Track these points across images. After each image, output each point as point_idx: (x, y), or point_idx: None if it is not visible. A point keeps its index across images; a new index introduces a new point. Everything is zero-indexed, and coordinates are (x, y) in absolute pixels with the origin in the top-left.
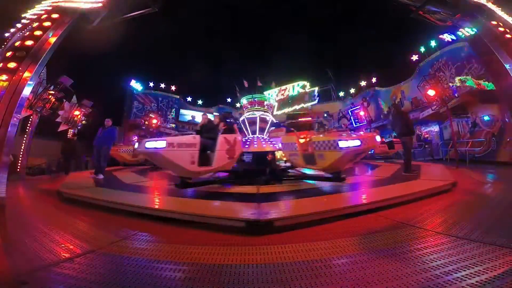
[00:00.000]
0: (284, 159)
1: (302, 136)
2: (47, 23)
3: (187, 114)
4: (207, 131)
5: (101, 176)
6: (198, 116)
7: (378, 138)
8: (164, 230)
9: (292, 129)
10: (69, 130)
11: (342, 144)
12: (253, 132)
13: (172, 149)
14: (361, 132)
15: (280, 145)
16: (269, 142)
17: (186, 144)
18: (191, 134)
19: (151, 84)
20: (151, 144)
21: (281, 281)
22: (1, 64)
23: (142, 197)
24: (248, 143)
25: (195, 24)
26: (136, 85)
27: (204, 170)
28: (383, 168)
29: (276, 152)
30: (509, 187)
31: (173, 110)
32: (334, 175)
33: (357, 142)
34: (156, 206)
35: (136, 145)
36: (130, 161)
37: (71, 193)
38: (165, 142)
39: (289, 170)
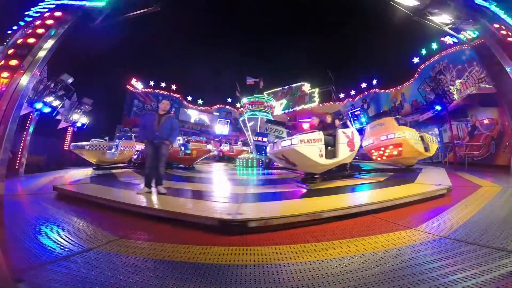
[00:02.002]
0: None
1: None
2: (49, 21)
3: (187, 113)
4: (325, 129)
5: (164, 191)
6: (199, 116)
7: None
8: None
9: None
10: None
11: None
12: (253, 132)
13: (303, 145)
14: None
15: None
16: None
17: (313, 139)
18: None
19: (152, 83)
20: (286, 142)
21: None
22: (3, 61)
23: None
24: None
25: (197, 24)
26: (136, 83)
27: (331, 162)
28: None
29: None
30: (506, 190)
31: (173, 109)
32: (406, 167)
33: None
34: None
35: (268, 149)
36: (105, 162)
37: None
38: (297, 138)
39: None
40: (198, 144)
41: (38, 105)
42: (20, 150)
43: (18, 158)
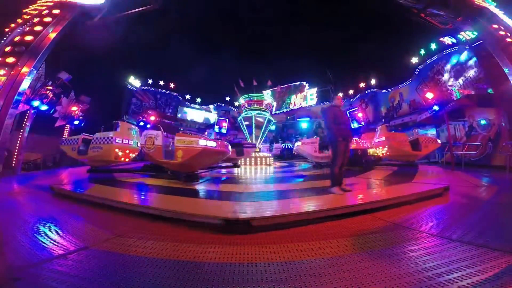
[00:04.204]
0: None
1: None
2: (47, 19)
3: (185, 112)
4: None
5: (348, 188)
6: (197, 114)
7: None
8: None
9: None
10: None
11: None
12: (250, 132)
13: (304, 145)
14: None
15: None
16: (363, 141)
17: (311, 142)
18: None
19: (150, 81)
20: (296, 144)
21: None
22: (0, 58)
23: None
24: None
25: (195, 22)
26: (134, 81)
27: (322, 155)
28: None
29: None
30: (503, 190)
31: (171, 107)
32: (410, 162)
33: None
34: None
35: (295, 147)
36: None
37: None
38: (300, 142)
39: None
40: (186, 139)
41: (35, 103)
42: (17, 148)
43: (15, 156)
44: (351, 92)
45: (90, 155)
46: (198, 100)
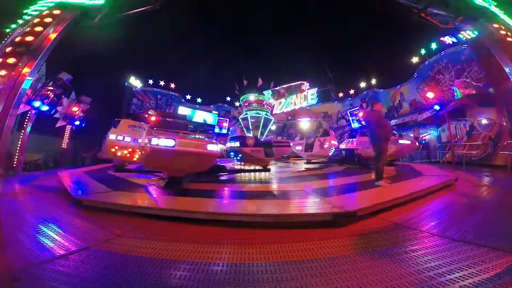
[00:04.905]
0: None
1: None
2: (48, 19)
3: (186, 112)
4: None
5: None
6: (197, 114)
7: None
8: None
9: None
10: None
11: (401, 141)
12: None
13: (294, 145)
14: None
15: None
16: (355, 142)
17: (299, 143)
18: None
19: (151, 82)
20: (292, 145)
21: None
22: (1, 59)
23: None
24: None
25: (195, 22)
26: (135, 82)
27: (308, 153)
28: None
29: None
30: (504, 190)
31: (172, 107)
32: (390, 161)
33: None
34: None
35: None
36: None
37: None
38: (293, 143)
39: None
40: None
41: (36, 104)
42: (18, 148)
43: (16, 157)
44: (351, 91)
45: (101, 153)
46: (199, 100)
